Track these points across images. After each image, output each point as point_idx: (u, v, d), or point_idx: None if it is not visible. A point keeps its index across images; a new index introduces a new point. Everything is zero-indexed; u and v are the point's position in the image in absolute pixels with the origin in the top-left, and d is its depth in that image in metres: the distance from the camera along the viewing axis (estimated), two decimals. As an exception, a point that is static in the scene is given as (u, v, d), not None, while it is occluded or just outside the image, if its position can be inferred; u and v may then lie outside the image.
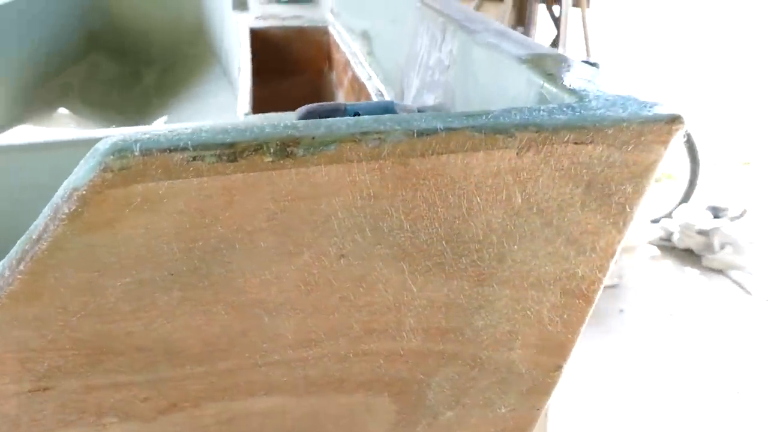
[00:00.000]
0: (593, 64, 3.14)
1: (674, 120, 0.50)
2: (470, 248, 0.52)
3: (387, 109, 0.62)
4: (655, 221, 3.49)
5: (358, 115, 0.62)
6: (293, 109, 0.84)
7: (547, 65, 0.64)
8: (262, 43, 1.68)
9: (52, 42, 2.25)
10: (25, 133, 1.83)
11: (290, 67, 1.70)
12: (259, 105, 1.76)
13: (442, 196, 0.49)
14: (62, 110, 2.11)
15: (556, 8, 3.20)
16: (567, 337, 0.60)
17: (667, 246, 3.36)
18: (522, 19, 3.08)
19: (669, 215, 3.50)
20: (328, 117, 0.60)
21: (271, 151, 0.44)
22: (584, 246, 0.54)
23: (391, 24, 1.14)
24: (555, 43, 3.06)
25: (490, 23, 0.85)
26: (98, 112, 2.22)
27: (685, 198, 3.52)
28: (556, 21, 3.14)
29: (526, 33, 3.08)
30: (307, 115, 0.61)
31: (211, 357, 0.53)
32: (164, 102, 2.32)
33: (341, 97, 1.50)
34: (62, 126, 2.03)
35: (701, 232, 3.26)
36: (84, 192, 0.42)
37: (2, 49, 1.94)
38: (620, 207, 0.53)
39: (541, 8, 3.22)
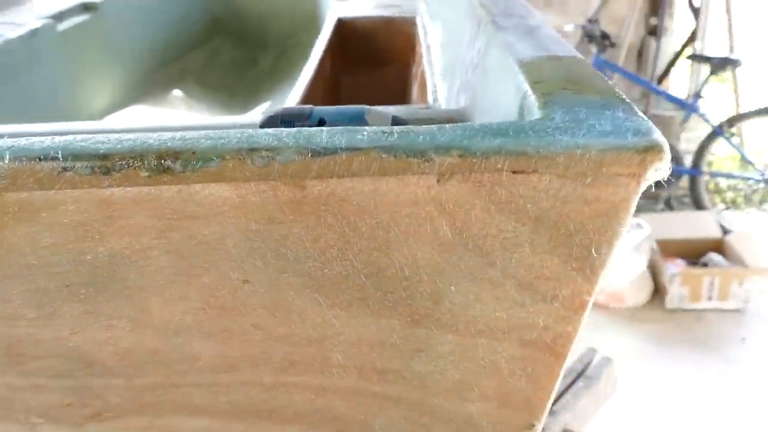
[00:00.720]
0: (734, 62, 2.79)
1: (649, 150, 0.40)
2: (396, 285, 0.45)
3: (356, 116, 0.56)
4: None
5: (323, 122, 0.57)
6: (378, 102, 0.80)
7: (545, 71, 0.55)
8: (350, 32, 1.65)
9: (176, 27, 2.37)
10: (132, 115, 1.94)
11: (377, 57, 1.66)
12: (345, 96, 1.74)
13: (352, 225, 0.42)
14: (177, 93, 2.22)
15: (697, -4, 2.88)
16: (535, 394, 0.51)
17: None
18: (655, 8, 2.80)
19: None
20: (291, 123, 0.56)
21: (146, 165, 0.40)
22: (543, 293, 0.45)
23: (453, 11, 1.06)
24: (693, 36, 2.75)
25: (528, 18, 0.76)
26: (211, 95, 2.32)
27: None
28: (695, 11, 2.81)
29: (660, 24, 2.80)
30: (269, 120, 0.57)
31: (126, 372, 0.51)
32: (275, 87, 2.37)
33: (415, 92, 1.44)
34: (174, 108, 2.14)
35: None
36: None
37: (128, 34, 2.07)
38: (584, 251, 0.43)
39: (681, -4, 2.91)
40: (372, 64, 1.67)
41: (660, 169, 0.41)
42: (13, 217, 0.42)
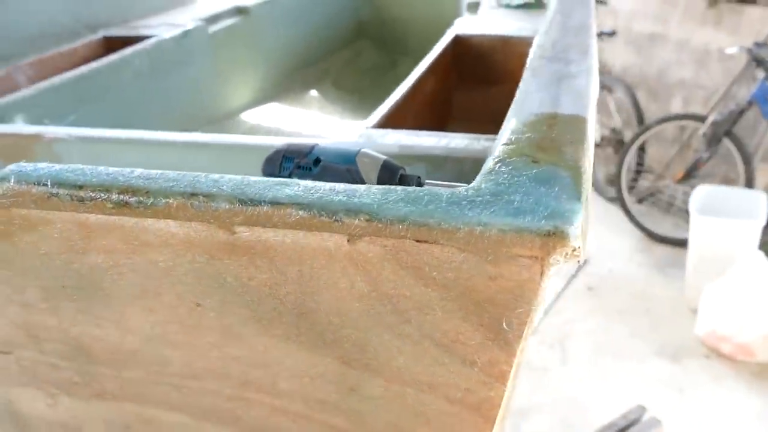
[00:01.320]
0: None
1: (552, 235, 0.40)
2: (325, 328, 0.49)
3: (348, 159, 0.59)
4: None
5: (318, 160, 0.61)
6: (490, 120, 0.84)
7: (528, 131, 0.55)
8: (467, 49, 1.66)
9: (322, 30, 2.50)
10: (268, 112, 2.09)
11: (492, 76, 1.65)
12: (456, 113, 1.75)
13: (279, 269, 0.46)
14: (313, 93, 2.36)
15: None
16: (469, 450, 0.52)
17: None
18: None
19: None
20: (291, 159, 0.61)
21: (110, 198, 0.47)
22: (461, 357, 0.46)
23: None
24: None
25: (574, 64, 0.74)
26: (345, 97, 2.43)
27: None
28: None
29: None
30: (275, 154, 0.62)
31: (115, 364, 0.59)
32: (408, 93, 2.43)
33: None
34: (307, 109, 2.27)
35: None
36: None
37: (274, 35, 2.23)
38: (495, 323, 0.44)
39: None
40: (487, 83, 1.66)
41: (568, 255, 0.40)
42: (19, 227, 0.51)
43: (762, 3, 3.27)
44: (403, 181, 0.58)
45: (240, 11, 2.07)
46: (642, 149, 3.55)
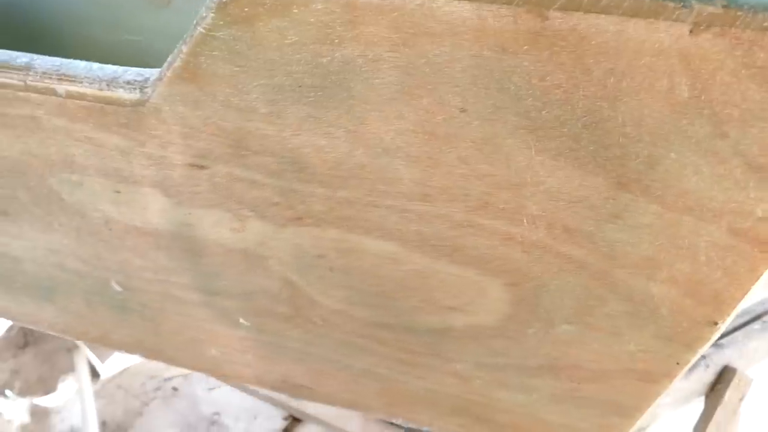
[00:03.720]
0: None
1: None
2: (613, 141, 0.44)
3: None
4: None
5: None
6: None
7: None
8: None
9: None
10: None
11: None
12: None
13: (585, 67, 0.41)
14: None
15: None
16: (727, 289, 0.49)
17: None
18: None
19: None
20: None
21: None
22: (772, 179, 0.42)
23: None
24: None
25: None
26: None
27: None
28: None
29: None
30: None
31: (332, 182, 0.55)
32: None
33: None
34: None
35: None
36: None
37: None
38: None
39: None
40: None
41: None
42: (268, 9, 0.45)
43: None
44: None
45: None
46: None
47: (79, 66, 0.59)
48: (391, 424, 1.97)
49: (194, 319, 0.78)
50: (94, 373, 2.29)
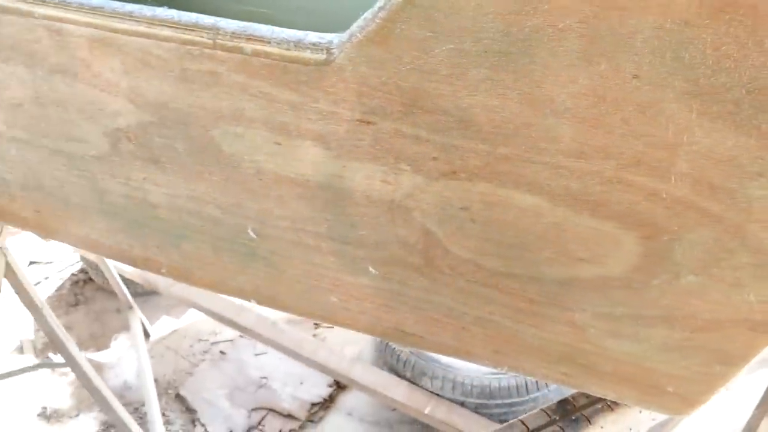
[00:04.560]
0: None
1: None
2: (772, 107, 0.51)
3: None
4: None
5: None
6: None
7: None
8: None
9: None
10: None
11: None
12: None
13: (757, 39, 0.48)
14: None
15: None
16: None
17: None
18: None
19: None
20: None
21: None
22: None
23: None
24: None
25: None
26: None
27: None
28: None
29: None
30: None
31: (495, 139, 0.62)
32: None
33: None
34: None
35: None
36: None
37: None
38: None
39: None
40: None
41: None
42: (473, -19, 0.52)
43: None
44: None
45: None
46: None
47: (262, 28, 0.66)
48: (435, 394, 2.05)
49: (320, 267, 0.85)
50: (145, 334, 2.39)
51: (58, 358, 2.34)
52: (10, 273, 1.25)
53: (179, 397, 2.19)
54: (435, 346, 0.89)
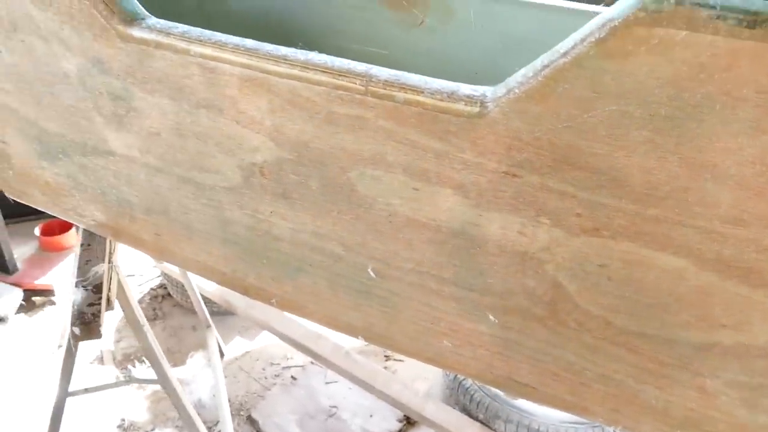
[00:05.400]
0: None
1: None
2: None
3: None
4: None
5: None
6: None
7: None
8: None
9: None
10: None
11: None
12: None
13: None
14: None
15: None
16: None
17: None
18: None
19: None
20: None
21: None
22: None
23: None
24: None
25: None
26: None
27: None
28: None
29: None
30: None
31: (646, 200, 0.61)
32: None
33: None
34: None
35: None
36: (617, 23, 0.53)
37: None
38: None
39: None
40: None
41: None
42: (649, 48, 0.53)
43: None
44: None
45: None
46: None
47: (414, 78, 0.68)
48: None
49: (438, 311, 0.86)
50: (220, 353, 2.44)
51: (138, 371, 2.42)
52: (120, 290, 1.31)
53: (251, 419, 2.22)
54: (548, 398, 0.88)
